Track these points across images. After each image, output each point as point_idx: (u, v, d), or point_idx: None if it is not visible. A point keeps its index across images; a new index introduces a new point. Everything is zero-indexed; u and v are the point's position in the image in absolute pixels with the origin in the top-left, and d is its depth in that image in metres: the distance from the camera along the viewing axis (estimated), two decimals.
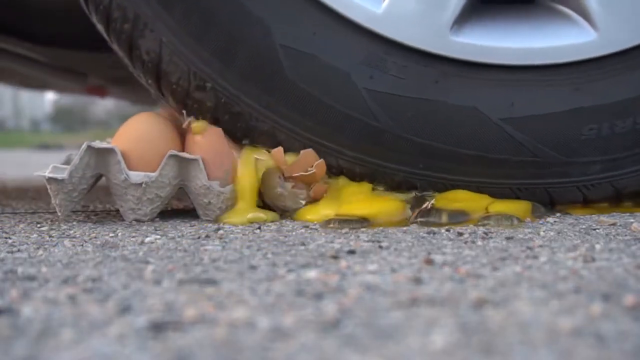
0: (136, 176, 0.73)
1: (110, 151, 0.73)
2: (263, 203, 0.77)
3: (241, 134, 0.76)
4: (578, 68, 0.75)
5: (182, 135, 0.78)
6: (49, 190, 0.73)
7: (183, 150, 0.76)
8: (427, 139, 0.74)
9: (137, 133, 0.75)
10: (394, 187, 0.76)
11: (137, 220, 0.74)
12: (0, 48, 1.28)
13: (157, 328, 0.34)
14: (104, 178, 0.75)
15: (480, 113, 0.74)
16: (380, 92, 0.73)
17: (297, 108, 0.74)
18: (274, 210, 0.76)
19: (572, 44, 0.74)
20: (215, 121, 0.75)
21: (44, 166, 0.79)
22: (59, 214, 0.74)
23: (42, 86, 1.95)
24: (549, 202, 0.78)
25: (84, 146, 0.72)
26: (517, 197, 0.77)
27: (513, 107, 0.74)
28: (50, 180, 0.72)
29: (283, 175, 0.75)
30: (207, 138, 0.75)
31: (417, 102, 0.73)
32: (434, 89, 0.73)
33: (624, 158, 0.77)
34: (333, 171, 0.76)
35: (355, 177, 0.76)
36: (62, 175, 0.72)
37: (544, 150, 0.75)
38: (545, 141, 0.75)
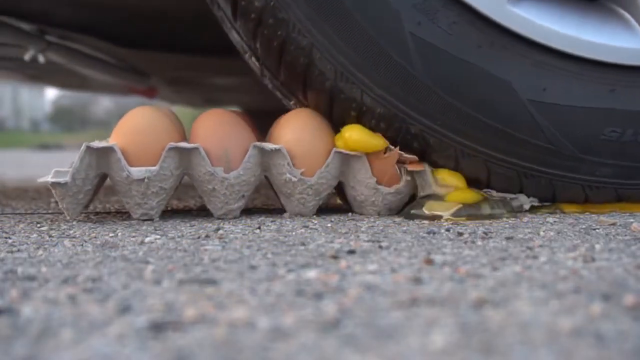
0: (137, 172, 0.73)
1: (109, 150, 0.73)
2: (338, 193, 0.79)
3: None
4: (620, 71, 0.76)
5: (180, 124, 0.79)
6: (55, 195, 0.73)
7: (185, 140, 0.77)
8: (454, 99, 0.74)
9: (135, 127, 0.75)
10: (408, 139, 0.76)
11: (145, 215, 0.75)
12: (72, 49, 1.31)
13: (157, 328, 0.34)
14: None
15: (512, 89, 0.74)
16: (423, 40, 0.72)
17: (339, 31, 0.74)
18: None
19: (621, 46, 0.75)
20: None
21: (44, 166, 0.80)
22: (68, 217, 0.74)
23: (83, 87, 1.99)
24: (551, 196, 0.78)
25: (83, 147, 0.73)
26: (520, 183, 0.77)
27: (545, 92, 0.74)
28: (54, 185, 0.72)
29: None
30: (202, 122, 0.76)
31: (455, 61, 0.73)
32: (476, 53, 0.73)
33: (636, 168, 0.77)
34: (354, 106, 0.76)
35: (372, 117, 0.76)
36: (65, 178, 0.72)
37: (561, 141, 0.75)
38: (565, 132, 0.75)
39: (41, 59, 1.30)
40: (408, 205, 0.77)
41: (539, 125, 0.75)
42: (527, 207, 0.79)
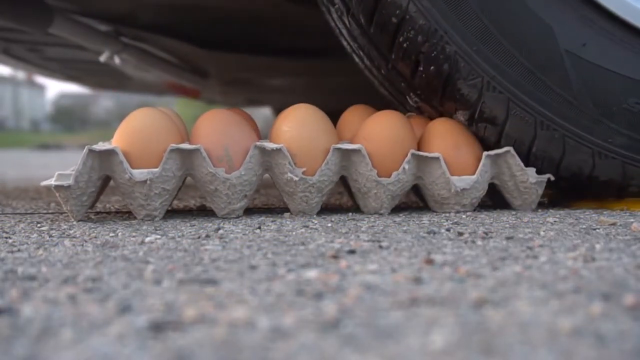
0: (140, 174, 0.73)
1: (112, 152, 0.73)
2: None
3: None
4: None
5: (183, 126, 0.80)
6: (59, 198, 0.73)
7: (187, 141, 0.77)
8: (495, 27, 0.75)
9: (137, 129, 0.75)
10: (440, 59, 0.77)
11: (149, 216, 0.75)
12: (143, 50, 1.34)
13: (157, 328, 0.34)
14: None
15: (553, 34, 0.75)
16: None
17: None
18: None
19: None
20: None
21: (44, 166, 0.80)
22: (73, 219, 0.74)
23: (120, 87, 2.06)
24: (559, 156, 0.79)
25: (85, 150, 0.73)
26: (535, 132, 0.78)
27: (584, 47, 0.75)
28: (58, 188, 0.72)
29: None
30: (203, 123, 0.77)
31: None
32: None
33: None
34: (398, 13, 0.77)
35: (412, 28, 0.77)
36: (68, 181, 0.72)
37: (585, 98, 0.76)
38: (592, 91, 0.76)
39: (117, 60, 1.33)
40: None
41: (569, 78, 0.75)
42: (532, 180, 0.79)
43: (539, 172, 0.80)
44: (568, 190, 0.86)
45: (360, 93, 1.14)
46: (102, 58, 1.33)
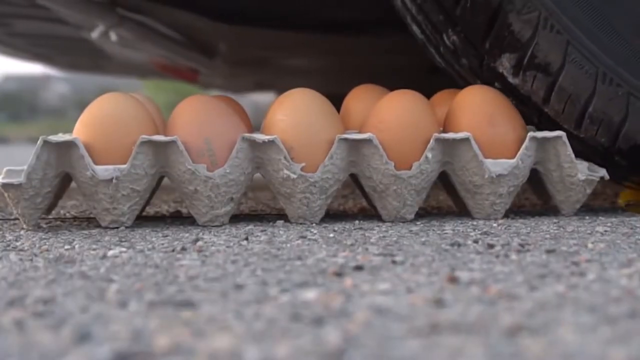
0: (104, 171, 0.73)
1: (71, 145, 0.73)
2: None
3: None
4: None
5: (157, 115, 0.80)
6: (8, 199, 0.73)
7: (163, 132, 0.77)
8: None
9: (102, 118, 0.75)
10: None
11: (115, 222, 0.75)
12: (144, 24, 1.35)
13: None
14: None
15: None
16: None
17: None
18: None
19: None
20: None
21: None
22: (24, 225, 0.74)
23: (97, 69, 2.10)
24: (619, 121, 0.79)
25: (39, 142, 0.73)
26: (595, 86, 0.79)
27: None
28: (7, 186, 0.72)
29: None
30: (182, 111, 0.77)
31: None
32: None
33: None
34: None
35: None
36: (19, 179, 0.72)
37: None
38: None
39: (113, 36, 1.34)
40: None
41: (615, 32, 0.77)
42: (581, 177, 0.79)
43: (591, 140, 0.80)
44: (626, 168, 0.85)
45: (388, 75, 1.15)
46: (95, 34, 1.33)
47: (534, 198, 0.95)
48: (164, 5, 1.31)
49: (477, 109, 0.79)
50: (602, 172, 0.79)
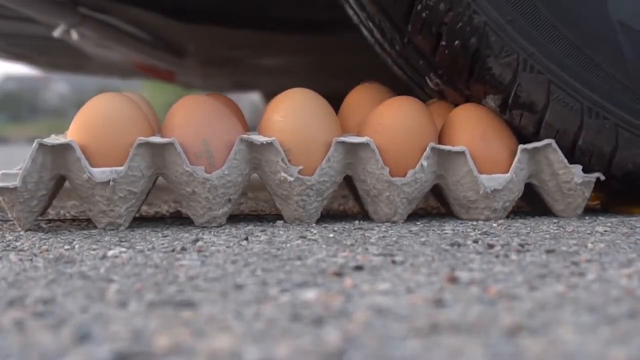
0: (101, 173, 0.73)
1: (67, 147, 0.73)
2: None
3: None
4: None
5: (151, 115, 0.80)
6: (3, 203, 0.73)
7: (159, 133, 0.77)
8: None
9: (98, 119, 0.75)
10: (466, 31, 0.78)
11: (112, 225, 0.75)
12: (107, 23, 1.35)
13: None
14: None
15: (604, 4, 0.76)
16: None
17: None
18: None
19: None
20: None
21: None
22: (20, 228, 0.74)
23: (79, 69, 2.09)
24: (610, 150, 0.79)
25: (35, 144, 0.73)
26: (581, 120, 0.78)
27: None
28: (2, 190, 0.72)
29: None
30: (178, 112, 0.77)
31: None
32: None
33: None
34: None
35: None
36: (15, 182, 0.72)
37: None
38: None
39: (74, 35, 1.34)
40: None
41: (623, 54, 0.76)
42: (578, 180, 0.79)
43: (586, 171, 0.80)
44: (620, 192, 0.86)
45: (372, 75, 1.16)
46: (56, 33, 1.33)
47: None
48: (126, 5, 1.31)
49: (473, 125, 0.80)
50: (597, 174, 0.80)
